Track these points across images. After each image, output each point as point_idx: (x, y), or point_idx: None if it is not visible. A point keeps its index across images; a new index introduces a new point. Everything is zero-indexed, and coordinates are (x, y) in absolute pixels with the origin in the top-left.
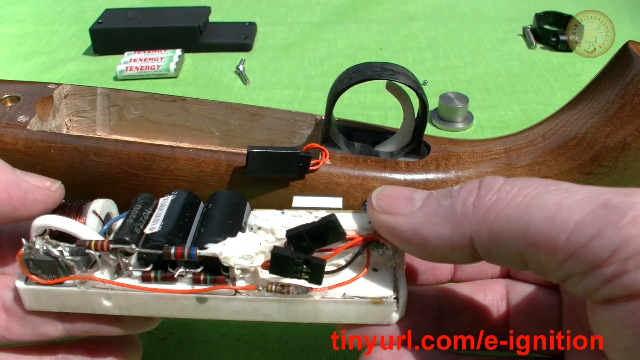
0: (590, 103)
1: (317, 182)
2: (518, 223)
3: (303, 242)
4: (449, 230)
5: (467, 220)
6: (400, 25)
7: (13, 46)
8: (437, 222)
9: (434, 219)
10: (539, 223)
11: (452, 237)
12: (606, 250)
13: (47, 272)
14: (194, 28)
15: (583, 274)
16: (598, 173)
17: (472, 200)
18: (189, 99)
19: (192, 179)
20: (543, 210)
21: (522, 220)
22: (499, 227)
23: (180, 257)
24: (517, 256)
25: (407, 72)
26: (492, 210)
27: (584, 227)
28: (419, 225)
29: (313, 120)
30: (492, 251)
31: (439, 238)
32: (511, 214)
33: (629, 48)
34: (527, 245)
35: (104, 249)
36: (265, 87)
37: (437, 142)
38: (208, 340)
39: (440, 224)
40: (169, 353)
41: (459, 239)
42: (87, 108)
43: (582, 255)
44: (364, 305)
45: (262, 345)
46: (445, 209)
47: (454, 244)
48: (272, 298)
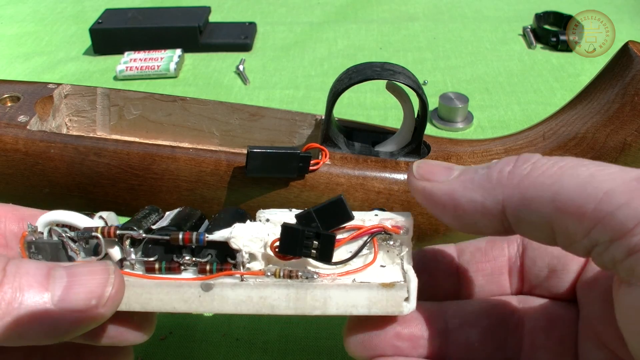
0: (590, 103)
1: (317, 182)
2: (550, 189)
3: (312, 223)
4: (482, 195)
5: (501, 186)
6: (400, 25)
7: (13, 46)
8: (472, 187)
9: (469, 184)
10: (570, 190)
11: (484, 202)
12: (633, 219)
13: (47, 257)
14: (194, 28)
15: (608, 242)
16: None
17: (508, 169)
18: (189, 99)
19: (192, 178)
20: (575, 180)
21: (554, 187)
22: (531, 192)
23: (189, 241)
24: (545, 224)
25: (407, 72)
26: (526, 178)
27: (613, 196)
28: (453, 190)
29: (313, 120)
30: (522, 218)
31: (471, 202)
32: (544, 181)
33: (629, 48)
34: (556, 211)
35: (111, 235)
36: (265, 87)
37: (437, 142)
38: (208, 340)
39: (475, 190)
40: (169, 353)
41: (491, 203)
42: (87, 108)
43: (609, 222)
44: (374, 290)
45: (262, 345)
46: (481, 177)
47: (486, 209)
48: (280, 283)
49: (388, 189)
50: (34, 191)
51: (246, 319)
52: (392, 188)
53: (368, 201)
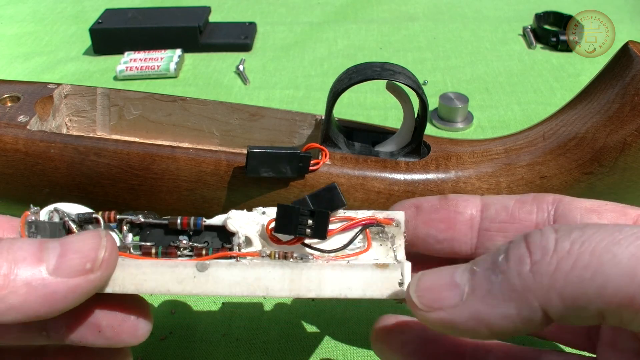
0: (590, 103)
1: (317, 182)
2: (593, 284)
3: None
4: (515, 307)
5: (532, 292)
6: (400, 25)
7: (13, 46)
8: (497, 302)
9: (492, 300)
10: (617, 281)
11: (521, 313)
12: None
13: (46, 236)
14: (194, 28)
15: None
16: (598, 173)
17: (527, 268)
18: (189, 99)
19: (192, 178)
20: (618, 267)
21: (598, 280)
22: (572, 291)
23: (187, 226)
24: (596, 317)
25: (407, 72)
26: (559, 276)
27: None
28: (478, 312)
29: (313, 120)
30: (568, 316)
31: (506, 318)
32: (583, 275)
33: (629, 48)
34: (606, 304)
35: (111, 219)
36: (265, 87)
37: (437, 142)
38: (208, 340)
39: (502, 304)
40: (169, 353)
41: (528, 313)
42: (87, 108)
43: None
44: (368, 271)
45: (262, 345)
46: (501, 286)
47: (524, 319)
48: (275, 264)
49: (388, 189)
50: (34, 191)
51: (246, 319)
52: (392, 188)
53: (368, 201)
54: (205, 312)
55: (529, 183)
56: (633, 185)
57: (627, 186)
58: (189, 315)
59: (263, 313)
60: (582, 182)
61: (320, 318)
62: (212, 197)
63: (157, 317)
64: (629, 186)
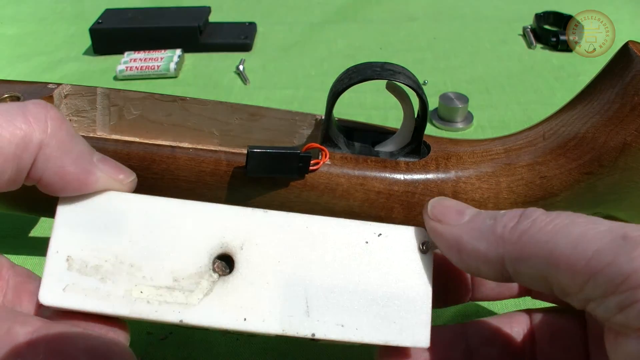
0: (590, 103)
1: (317, 182)
2: (545, 247)
3: None
4: (485, 246)
5: (502, 240)
6: (400, 25)
7: (13, 46)
8: (477, 237)
9: (475, 234)
10: (563, 249)
11: (487, 253)
12: (619, 276)
13: None
14: (194, 28)
15: (601, 299)
16: (598, 173)
17: (511, 225)
18: (189, 99)
19: (192, 178)
20: (568, 238)
21: (549, 245)
22: (528, 250)
23: None
24: (542, 278)
25: (407, 72)
26: (525, 235)
27: (601, 255)
28: (460, 236)
29: (313, 120)
30: (520, 271)
31: (474, 251)
32: (540, 239)
33: (629, 48)
34: (550, 267)
35: None
36: (265, 87)
37: (437, 142)
38: (208, 340)
39: (479, 240)
40: (169, 353)
41: (493, 256)
42: (87, 108)
43: (598, 280)
44: None
45: (262, 345)
46: (487, 228)
47: (487, 259)
48: None
49: (388, 189)
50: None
51: None
52: (392, 188)
53: (368, 201)
54: None
55: (529, 183)
56: (633, 185)
57: (627, 186)
58: None
59: None
60: (582, 182)
61: None
62: (212, 197)
63: None
64: (629, 186)
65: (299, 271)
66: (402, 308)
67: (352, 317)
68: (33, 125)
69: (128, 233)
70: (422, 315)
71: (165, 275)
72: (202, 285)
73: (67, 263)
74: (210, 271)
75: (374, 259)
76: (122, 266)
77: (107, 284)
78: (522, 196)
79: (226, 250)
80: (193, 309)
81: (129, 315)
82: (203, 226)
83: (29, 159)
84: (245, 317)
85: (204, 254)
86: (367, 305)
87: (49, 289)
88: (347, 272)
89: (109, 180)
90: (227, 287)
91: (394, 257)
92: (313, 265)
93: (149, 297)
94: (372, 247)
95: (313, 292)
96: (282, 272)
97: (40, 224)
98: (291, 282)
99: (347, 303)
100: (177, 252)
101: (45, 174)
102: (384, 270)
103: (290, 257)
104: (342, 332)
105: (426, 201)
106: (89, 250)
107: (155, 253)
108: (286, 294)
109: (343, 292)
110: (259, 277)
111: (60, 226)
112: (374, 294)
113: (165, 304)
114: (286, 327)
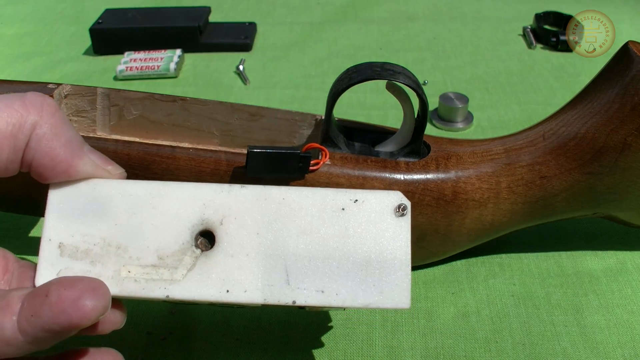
0: (590, 103)
1: (317, 182)
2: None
3: None
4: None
5: None
6: (400, 25)
7: (13, 46)
8: None
9: None
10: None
11: None
12: None
13: None
14: (194, 28)
15: None
16: (598, 173)
17: None
18: (189, 99)
19: (192, 178)
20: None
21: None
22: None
23: None
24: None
25: (407, 72)
26: None
27: None
28: None
29: (313, 120)
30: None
31: None
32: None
33: (629, 48)
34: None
35: None
36: (265, 87)
37: (437, 142)
38: (208, 340)
39: None
40: (169, 353)
41: None
42: (87, 108)
43: None
44: None
45: (262, 345)
46: None
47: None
48: None
49: (388, 189)
50: (33, 191)
51: (246, 319)
52: (392, 188)
53: None
54: (205, 312)
55: (529, 183)
56: (633, 185)
57: (627, 186)
58: (189, 315)
59: (263, 313)
60: (582, 182)
61: (320, 318)
62: None
63: (157, 317)
64: (629, 186)
65: (277, 241)
66: (381, 271)
67: (332, 282)
68: (29, 109)
69: (113, 216)
70: (402, 277)
71: (151, 254)
72: (185, 261)
73: (60, 249)
74: (193, 247)
75: (351, 225)
76: (109, 248)
77: (96, 266)
78: (522, 196)
79: (207, 226)
80: (178, 285)
81: (119, 294)
82: (184, 205)
83: (24, 138)
84: (228, 289)
85: (185, 231)
86: (346, 270)
87: (44, 275)
88: (325, 240)
89: (97, 168)
90: (209, 261)
91: (370, 221)
92: (291, 234)
93: (136, 275)
94: (348, 214)
95: (292, 261)
96: (261, 243)
97: (40, 224)
98: (270, 252)
99: (327, 269)
100: (161, 231)
101: (37, 154)
102: (361, 235)
103: (269, 228)
104: (323, 297)
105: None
106: (79, 235)
107: (140, 233)
108: (266, 264)
109: (322, 259)
110: (239, 249)
111: (52, 214)
112: (353, 259)
113: (151, 282)
114: (267, 296)
